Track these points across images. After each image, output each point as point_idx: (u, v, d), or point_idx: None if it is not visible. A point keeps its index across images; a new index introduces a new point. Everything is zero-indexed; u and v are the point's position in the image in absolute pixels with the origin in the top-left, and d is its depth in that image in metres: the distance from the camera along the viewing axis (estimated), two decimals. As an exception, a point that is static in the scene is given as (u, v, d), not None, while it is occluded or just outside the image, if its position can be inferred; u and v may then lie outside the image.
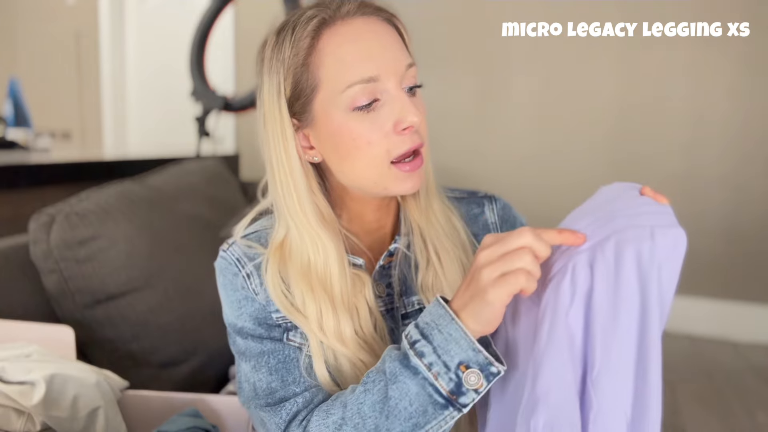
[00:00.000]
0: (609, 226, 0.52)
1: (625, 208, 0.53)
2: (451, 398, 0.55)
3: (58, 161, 1.61)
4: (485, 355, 0.54)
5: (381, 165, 0.63)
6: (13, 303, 1.01)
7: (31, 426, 0.74)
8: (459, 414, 0.56)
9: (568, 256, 0.53)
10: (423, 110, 0.66)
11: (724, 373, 2.07)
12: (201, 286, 1.23)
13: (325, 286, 0.67)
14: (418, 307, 0.73)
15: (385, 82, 0.62)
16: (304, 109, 0.65)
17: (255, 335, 0.69)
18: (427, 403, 0.56)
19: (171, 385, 1.15)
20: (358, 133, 0.62)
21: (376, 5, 0.66)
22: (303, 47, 0.63)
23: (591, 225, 0.53)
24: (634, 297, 0.50)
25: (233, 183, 1.66)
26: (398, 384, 0.57)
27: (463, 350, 0.54)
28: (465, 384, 0.55)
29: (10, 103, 2.23)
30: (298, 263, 0.67)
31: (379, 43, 0.63)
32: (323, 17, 0.63)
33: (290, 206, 0.67)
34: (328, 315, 0.66)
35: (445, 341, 0.55)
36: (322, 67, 0.62)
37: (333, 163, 0.66)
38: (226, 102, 2.14)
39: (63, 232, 1.06)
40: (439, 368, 0.55)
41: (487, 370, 0.55)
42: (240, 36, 3.20)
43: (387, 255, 0.73)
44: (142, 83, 3.50)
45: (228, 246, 0.73)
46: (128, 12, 3.47)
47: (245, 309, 0.70)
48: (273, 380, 0.67)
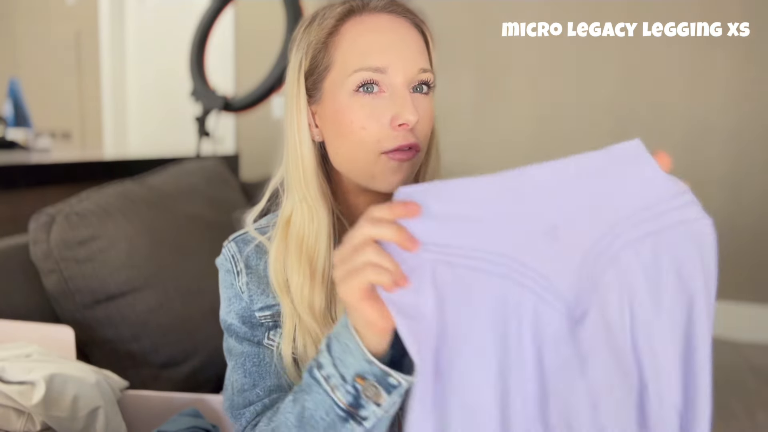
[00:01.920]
0: (640, 225, 0.51)
1: (645, 198, 0.52)
2: (350, 411, 0.53)
3: (58, 161, 1.61)
4: (379, 367, 0.51)
5: (369, 151, 0.64)
6: (13, 303, 1.01)
7: (31, 426, 0.74)
8: (362, 428, 0.53)
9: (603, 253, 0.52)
10: (429, 115, 0.66)
11: (724, 373, 2.07)
12: (201, 286, 1.23)
13: (311, 258, 0.68)
14: None
15: (392, 77, 0.63)
16: (315, 86, 0.67)
17: (239, 334, 0.71)
18: (334, 416, 0.54)
19: (171, 385, 1.14)
20: (357, 116, 0.63)
21: (406, 6, 0.67)
22: (327, 27, 0.65)
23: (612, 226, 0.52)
24: (677, 297, 0.51)
25: (233, 183, 1.66)
26: (312, 395, 0.55)
27: (357, 361, 0.52)
28: (363, 396, 0.52)
29: (10, 103, 2.23)
30: (296, 237, 0.69)
31: (397, 41, 0.64)
32: (352, 6, 0.65)
33: (296, 178, 0.68)
34: (305, 285, 0.67)
35: (342, 352, 0.53)
36: (339, 50, 0.65)
37: (329, 142, 0.68)
38: (226, 102, 2.14)
39: (63, 232, 1.06)
40: (336, 380, 0.53)
41: (384, 381, 0.52)
42: (240, 36, 3.20)
43: None
44: (142, 83, 3.50)
45: (228, 241, 0.74)
46: (128, 12, 3.47)
47: (233, 306, 0.71)
48: (245, 382, 0.68)
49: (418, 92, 0.65)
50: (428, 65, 0.66)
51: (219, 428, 0.86)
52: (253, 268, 0.72)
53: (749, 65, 2.43)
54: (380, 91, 0.63)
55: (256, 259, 0.72)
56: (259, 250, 0.73)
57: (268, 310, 0.71)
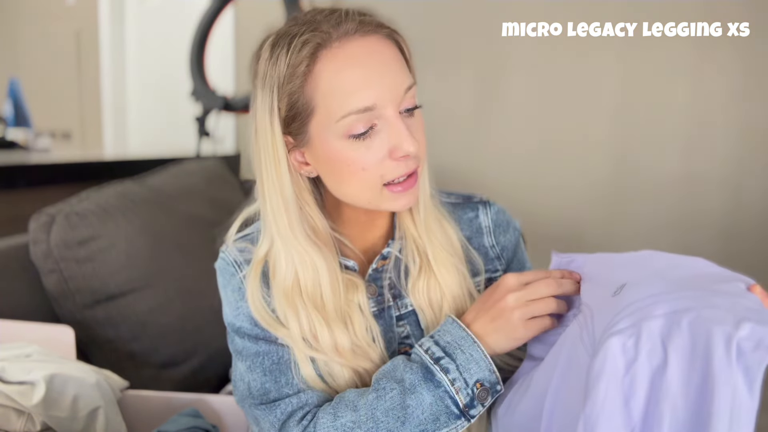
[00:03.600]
0: (697, 300, 0.48)
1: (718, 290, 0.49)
2: (464, 410, 0.62)
3: (58, 161, 1.61)
4: (497, 376, 0.63)
5: (374, 188, 0.64)
6: (13, 303, 1.01)
7: (31, 426, 0.74)
8: (468, 423, 0.63)
9: (634, 313, 0.50)
10: (421, 130, 0.66)
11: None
12: (201, 286, 1.23)
13: (315, 302, 0.67)
14: (411, 309, 0.73)
15: (381, 110, 0.61)
16: (300, 131, 0.64)
17: (251, 335, 0.70)
18: (441, 412, 0.62)
19: (171, 385, 1.15)
20: (353, 159, 0.62)
21: (377, 21, 0.63)
22: (299, 72, 0.60)
23: (670, 293, 0.50)
24: (724, 389, 0.44)
25: (233, 183, 1.66)
26: (416, 394, 0.62)
27: (482, 370, 0.62)
28: (477, 398, 0.62)
29: (10, 103, 2.23)
30: (281, 280, 0.68)
31: (377, 67, 0.61)
32: (320, 41, 0.60)
33: (279, 223, 0.66)
34: (322, 330, 0.66)
35: (467, 361, 0.62)
36: (318, 92, 0.61)
37: (328, 182, 0.67)
38: (226, 102, 2.14)
39: (63, 232, 1.06)
40: (460, 384, 0.62)
41: (494, 388, 0.63)
42: (240, 36, 3.19)
43: (380, 258, 0.73)
44: (142, 83, 3.50)
45: (226, 247, 0.74)
46: (128, 12, 3.47)
47: (242, 309, 0.70)
48: (267, 381, 0.68)
49: (408, 115, 0.64)
50: (410, 78, 0.64)
51: (219, 428, 0.86)
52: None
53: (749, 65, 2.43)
54: (372, 128, 0.61)
55: None
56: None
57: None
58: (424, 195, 0.72)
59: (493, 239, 0.78)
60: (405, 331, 0.73)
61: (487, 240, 0.78)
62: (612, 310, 0.53)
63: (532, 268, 0.81)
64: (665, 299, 0.50)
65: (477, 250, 0.76)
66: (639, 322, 0.49)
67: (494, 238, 0.78)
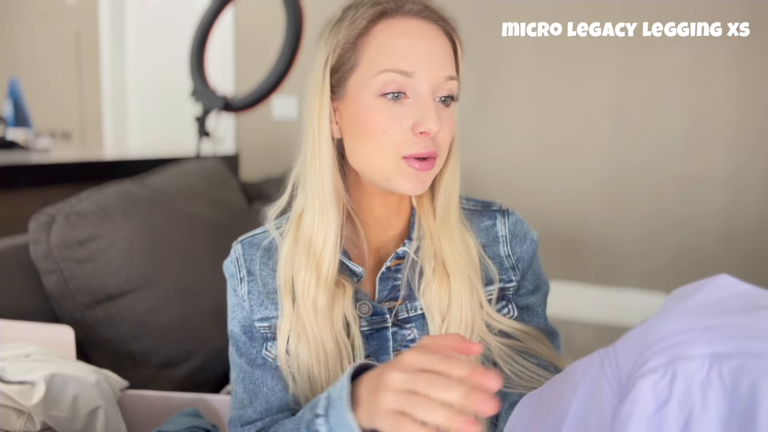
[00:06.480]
0: (738, 343, 0.45)
1: (754, 328, 0.45)
2: None
3: (58, 161, 1.61)
4: None
5: (388, 155, 0.64)
6: (13, 303, 1.01)
7: (31, 426, 0.74)
8: None
9: (667, 350, 0.47)
10: (451, 125, 0.67)
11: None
12: (201, 286, 1.23)
13: (317, 260, 0.69)
14: (420, 312, 0.72)
15: (418, 82, 0.64)
16: (340, 84, 0.67)
17: (239, 346, 0.74)
18: None
19: (171, 385, 1.15)
20: (378, 119, 0.64)
21: (440, 14, 0.67)
22: (358, 27, 0.65)
23: (701, 332, 0.46)
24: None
25: (233, 183, 1.66)
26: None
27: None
28: None
29: (10, 103, 2.23)
30: (305, 236, 0.70)
31: (427, 47, 0.65)
32: (386, 8, 0.65)
33: (312, 171, 0.69)
34: (311, 283, 0.68)
35: (338, 425, 0.55)
36: (368, 50, 0.65)
37: (348, 140, 0.68)
38: (226, 102, 2.14)
39: (63, 232, 1.06)
40: None
41: None
42: (240, 36, 3.20)
43: (395, 257, 0.72)
44: (142, 83, 3.50)
45: (236, 242, 0.76)
46: (128, 12, 3.47)
47: (236, 314, 0.74)
48: (245, 398, 0.73)
49: (443, 104, 0.66)
50: (455, 73, 0.67)
51: (219, 428, 0.86)
52: (256, 275, 0.73)
53: (749, 65, 2.43)
54: (405, 98, 0.64)
55: (260, 264, 0.73)
56: (266, 253, 0.74)
57: (266, 321, 0.72)
58: (453, 200, 0.73)
59: (509, 249, 0.76)
60: (411, 334, 0.72)
61: (503, 250, 0.76)
62: (638, 343, 0.49)
63: (548, 281, 0.80)
64: (697, 338, 0.46)
65: (492, 259, 0.75)
66: (674, 362, 0.46)
67: (510, 248, 0.76)
